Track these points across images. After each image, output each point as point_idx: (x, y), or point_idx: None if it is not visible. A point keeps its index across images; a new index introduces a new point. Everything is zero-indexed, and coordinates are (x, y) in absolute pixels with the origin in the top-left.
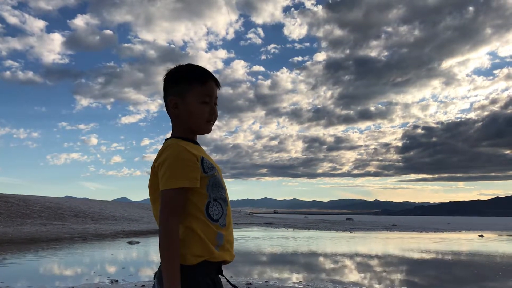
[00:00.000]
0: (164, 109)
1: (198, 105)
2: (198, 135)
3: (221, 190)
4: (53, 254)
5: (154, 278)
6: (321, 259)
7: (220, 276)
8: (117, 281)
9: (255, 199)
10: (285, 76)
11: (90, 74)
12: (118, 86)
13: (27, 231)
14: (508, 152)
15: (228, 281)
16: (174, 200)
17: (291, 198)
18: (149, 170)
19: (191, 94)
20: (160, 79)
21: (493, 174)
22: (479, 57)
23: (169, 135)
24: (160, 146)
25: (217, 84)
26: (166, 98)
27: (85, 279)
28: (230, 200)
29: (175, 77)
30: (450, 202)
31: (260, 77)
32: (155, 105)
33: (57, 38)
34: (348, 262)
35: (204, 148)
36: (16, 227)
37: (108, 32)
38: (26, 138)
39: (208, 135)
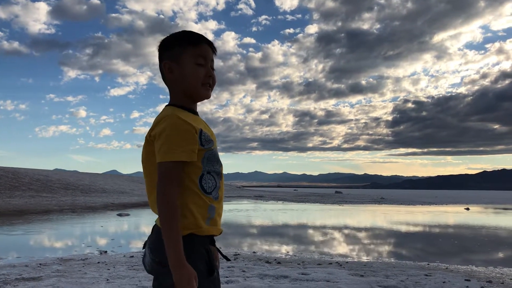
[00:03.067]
0: (154, 81)
1: (192, 66)
2: (197, 104)
3: (215, 163)
4: (43, 226)
5: (144, 248)
6: (309, 231)
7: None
8: (106, 252)
9: (246, 172)
10: (276, 49)
11: (77, 45)
12: (106, 58)
13: (16, 203)
14: (496, 127)
15: (219, 251)
16: (172, 172)
17: (281, 171)
18: (140, 144)
19: (185, 56)
20: (149, 50)
21: (481, 148)
22: (471, 30)
23: (161, 107)
24: (150, 120)
25: (212, 48)
26: (160, 64)
27: (75, 250)
28: None
29: (169, 41)
30: (438, 176)
31: (251, 49)
32: (144, 77)
33: (42, 7)
34: (336, 234)
35: None
36: (5, 199)
37: (96, 1)
38: (14, 110)
39: (198, 108)
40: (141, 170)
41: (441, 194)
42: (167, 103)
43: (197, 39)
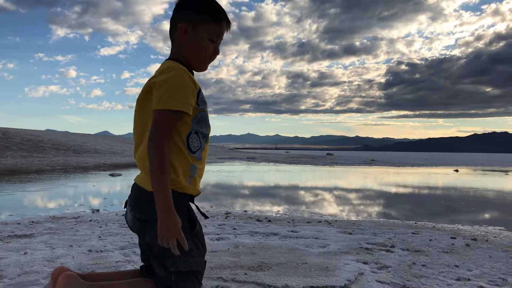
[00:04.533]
0: (145, 41)
1: (206, 41)
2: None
3: (204, 126)
4: (35, 185)
5: (125, 207)
6: (300, 192)
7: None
8: (98, 210)
9: (238, 134)
10: (269, 8)
11: (66, 2)
12: (96, 16)
13: (7, 163)
14: (488, 89)
15: (198, 208)
16: (168, 121)
17: (273, 134)
18: (132, 104)
19: (205, 28)
20: (139, 8)
21: (472, 111)
22: None
23: (152, 67)
24: (141, 80)
25: (228, 26)
26: (175, 21)
27: (67, 209)
28: (213, 135)
29: (193, 3)
30: (429, 138)
31: (243, 8)
32: (135, 36)
33: None
34: (326, 195)
35: None
36: None
37: None
38: (2, 69)
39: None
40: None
41: (431, 156)
42: (166, 58)
43: (220, 16)
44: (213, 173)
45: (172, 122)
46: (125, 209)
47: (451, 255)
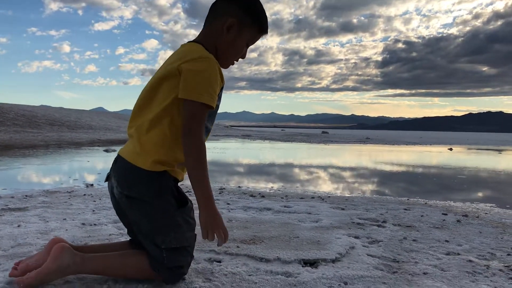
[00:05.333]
0: (139, 16)
1: (243, 44)
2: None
3: (211, 121)
4: (29, 160)
5: (106, 180)
6: (294, 169)
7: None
8: (92, 185)
9: (234, 112)
10: None
11: None
12: None
13: (1, 138)
14: (485, 69)
15: (181, 191)
16: (203, 114)
17: (269, 112)
18: (126, 80)
19: (249, 32)
20: None
21: (468, 90)
22: None
23: (147, 43)
24: (136, 56)
25: (264, 37)
26: (224, 11)
27: (61, 183)
28: None
29: (250, 5)
30: (424, 117)
31: None
32: (129, 11)
33: None
34: (320, 172)
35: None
36: None
37: None
38: None
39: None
40: (128, 108)
41: (426, 135)
42: (193, 40)
43: (266, 28)
44: (208, 150)
45: (205, 115)
46: (106, 182)
47: (442, 230)
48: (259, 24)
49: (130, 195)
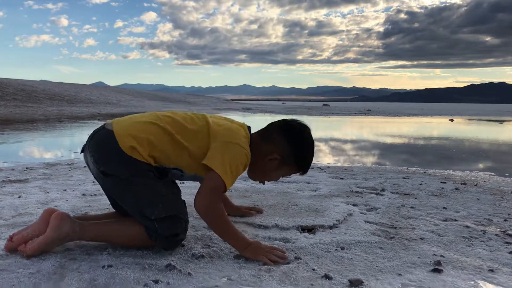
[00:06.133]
0: None
1: (278, 176)
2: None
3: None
4: (29, 134)
5: (82, 152)
6: None
7: None
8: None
9: (234, 85)
10: None
11: None
12: None
13: (1, 113)
14: (488, 39)
15: None
16: (222, 190)
17: (270, 85)
18: (125, 54)
19: (287, 168)
20: None
21: (470, 61)
22: None
23: (145, 16)
24: (135, 29)
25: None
26: (273, 141)
27: (61, 156)
28: (209, 86)
29: (301, 148)
30: (426, 89)
31: None
32: None
33: None
34: (320, 144)
35: (181, 31)
36: None
37: None
38: None
39: (184, 18)
40: (128, 82)
41: (427, 106)
42: (247, 126)
43: (307, 170)
44: None
45: (223, 191)
46: (81, 153)
47: (440, 198)
48: (300, 168)
49: (105, 171)
